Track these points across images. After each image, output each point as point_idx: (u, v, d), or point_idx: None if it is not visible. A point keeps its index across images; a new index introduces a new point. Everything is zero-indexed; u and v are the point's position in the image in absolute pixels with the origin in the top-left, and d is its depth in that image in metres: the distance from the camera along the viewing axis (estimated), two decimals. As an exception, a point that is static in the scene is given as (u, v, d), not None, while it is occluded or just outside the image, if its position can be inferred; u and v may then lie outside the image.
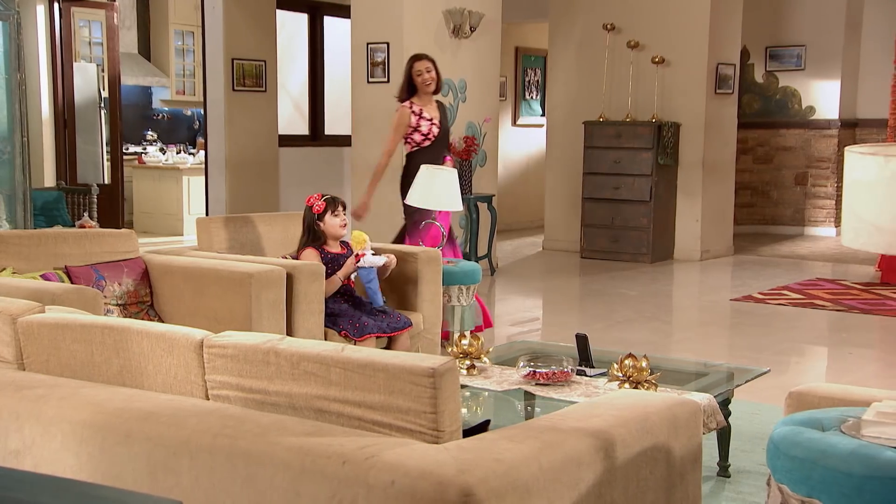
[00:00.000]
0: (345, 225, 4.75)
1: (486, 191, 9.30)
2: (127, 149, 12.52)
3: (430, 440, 2.03)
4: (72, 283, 4.00)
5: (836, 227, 12.72)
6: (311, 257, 4.68)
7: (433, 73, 6.05)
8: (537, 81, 13.48)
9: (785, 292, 8.34)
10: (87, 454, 2.08)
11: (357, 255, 4.73)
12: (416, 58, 6.12)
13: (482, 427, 2.33)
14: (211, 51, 9.93)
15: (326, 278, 4.59)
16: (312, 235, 4.73)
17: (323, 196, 4.80)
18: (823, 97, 12.65)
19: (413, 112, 6.04)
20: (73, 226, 8.02)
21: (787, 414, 2.35)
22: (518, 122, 13.29)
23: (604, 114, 10.39)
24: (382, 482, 1.85)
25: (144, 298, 4.33)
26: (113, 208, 10.51)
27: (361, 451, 1.91)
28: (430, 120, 6.06)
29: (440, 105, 6.21)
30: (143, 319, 4.26)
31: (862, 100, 12.70)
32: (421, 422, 2.04)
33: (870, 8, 12.33)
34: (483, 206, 9.22)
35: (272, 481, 1.93)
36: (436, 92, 6.12)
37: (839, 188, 12.79)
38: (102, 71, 10.95)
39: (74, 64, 10.58)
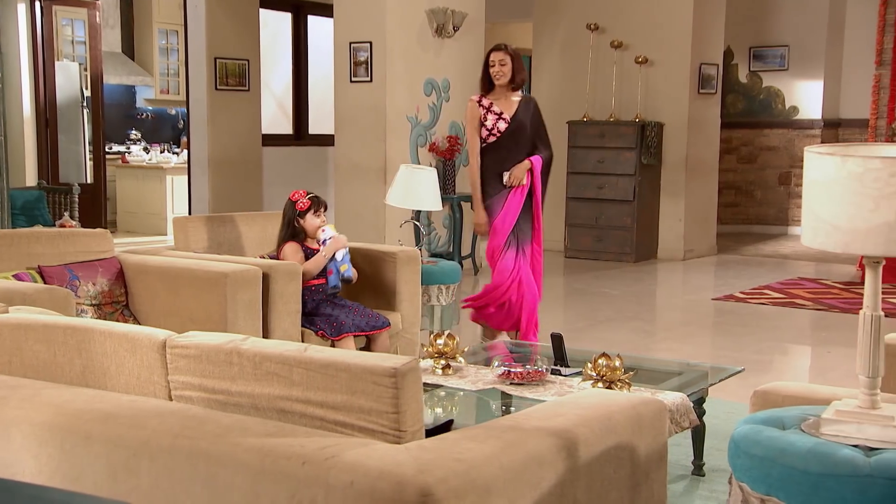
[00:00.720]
0: (322, 226, 4.76)
1: (469, 190, 9.28)
2: (110, 148, 12.48)
3: (391, 440, 2.03)
4: (45, 283, 3.98)
5: (819, 226, 12.75)
6: (292, 250, 4.69)
7: (507, 66, 5.51)
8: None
9: (766, 292, 8.36)
10: (47, 456, 2.07)
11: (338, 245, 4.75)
12: (493, 48, 5.64)
13: (445, 427, 2.33)
14: (193, 50, 9.90)
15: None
16: (292, 231, 4.75)
17: (309, 194, 4.82)
18: (807, 97, 12.70)
19: (481, 105, 5.59)
20: (54, 225, 7.98)
21: (751, 412, 2.36)
22: (503, 122, 13.27)
23: (588, 113, 10.41)
24: (342, 482, 1.85)
25: (119, 298, 4.32)
26: (95, 208, 10.47)
27: (321, 452, 1.91)
28: (499, 114, 5.56)
29: (525, 101, 5.63)
30: (117, 319, 4.24)
31: (845, 100, 12.75)
32: (383, 422, 2.04)
33: (852, 8, 12.38)
34: (466, 206, 9.21)
35: (232, 482, 1.93)
36: (515, 87, 5.58)
37: (823, 188, 12.83)
38: (85, 70, 10.91)
39: (56, 63, 10.53)
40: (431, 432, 2.17)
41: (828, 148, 1.97)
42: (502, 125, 5.54)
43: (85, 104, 10.82)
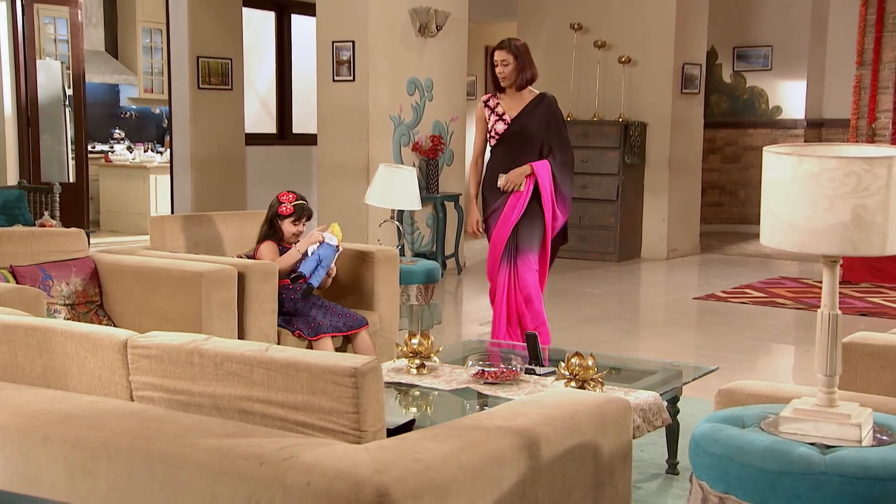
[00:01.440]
0: (298, 234, 4.77)
1: (453, 190, 9.31)
2: (93, 147, 12.43)
3: (352, 440, 2.03)
4: (17, 282, 3.96)
5: (803, 226, 12.80)
6: (269, 249, 4.69)
7: (510, 66, 5.10)
8: (507, 80, 13.48)
9: (748, 291, 8.39)
10: (5, 457, 2.06)
11: (319, 240, 4.71)
12: (496, 45, 5.23)
13: (407, 426, 2.33)
14: (176, 49, 9.88)
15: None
16: (272, 230, 4.76)
17: (297, 201, 4.78)
18: (790, 97, 12.74)
19: (487, 106, 5.24)
20: (34, 225, 7.95)
21: (715, 411, 2.37)
22: (488, 121, 13.28)
23: (571, 113, 10.42)
24: (299, 483, 1.84)
25: (94, 298, 4.30)
26: (78, 207, 10.42)
27: (280, 452, 1.90)
28: (500, 115, 5.19)
29: (535, 101, 5.20)
30: (91, 319, 4.23)
31: (828, 100, 12.80)
32: (343, 422, 2.03)
33: (835, 9, 12.42)
34: (450, 206, 9.22)
35: (190, 483, 1.92)
36: (521, 86, 5.15)
37: (806, 187, 12.88)
38: (67, 68, 10.86)
39: (38, 61, 10.49)
40: (393, 432, 2.17)
41: (786, 148, 1.98)
42: (500, 127, 5.19)
43: (67, 103, 10.77)
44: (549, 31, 10.77)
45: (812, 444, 1.98)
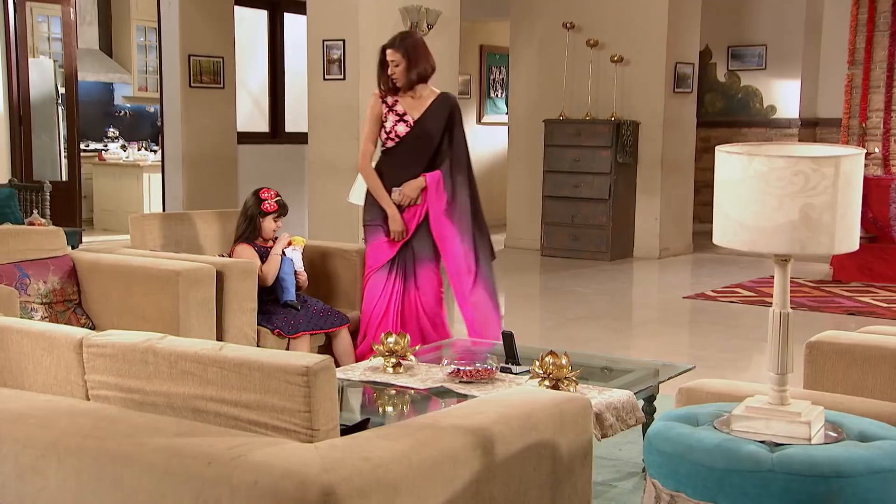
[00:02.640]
0: (276, 230, 4.80)
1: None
2: (87, 145, 12.44)
3: (304, 439, 2.03)
4: (-6, 281, 3.97)
5: (797, 225, 12.80)
6: (245, 252, 4.69)
7: (400, 66, 4.72)
8: (502, 80, 13.49)
9: (738, 290, 8.38)
10: (-45, 456, 2.07)
11: (289, 243, 4.76)
12: (386, 44, 4.82)
13: (362, 425, 2.33)
14: (167, 47, 9.88)
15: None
16: (251, 227, 4.77)
17: (278, 197, 4.82)
18: (784, 96, 12.73)
19: (384, 102, 4.82)
20: (24, 223, 7.95)
21: (676, 409, 2.37)
22: (483, 121, 13.30)
23: (564, 112, 10.42)
24: (246, 482, 1.84)
25: (72, 297, 4.30)
26: (70, 205, 10.43)
27: (228, 452, 1.90)
28: (401, 115, 4.80)
29: (438, 102, 4.83)
30: (69, 318, 4.23)
31: (822, 99, 12.78)
32: (295, 421, 2.03)
33: (829, 8, 12.40)
34: (440, 204, 9.22)
35: (139, 483, 1.92)
36: (412, 83, 4.75)
37: (800, 186, 12.87)
38: (60, 67, 10.87)
39: (31, 59, 10.49)
40: (348, 431, 2.17)
41: (737, 147, 1.98)
42: (402, 129, 4.79)
43: (60, 101, 10.78)
44: (541, 29, 10.77)
45: (762, 441, 1.98)
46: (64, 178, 10.63)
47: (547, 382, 3.52)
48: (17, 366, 2.27)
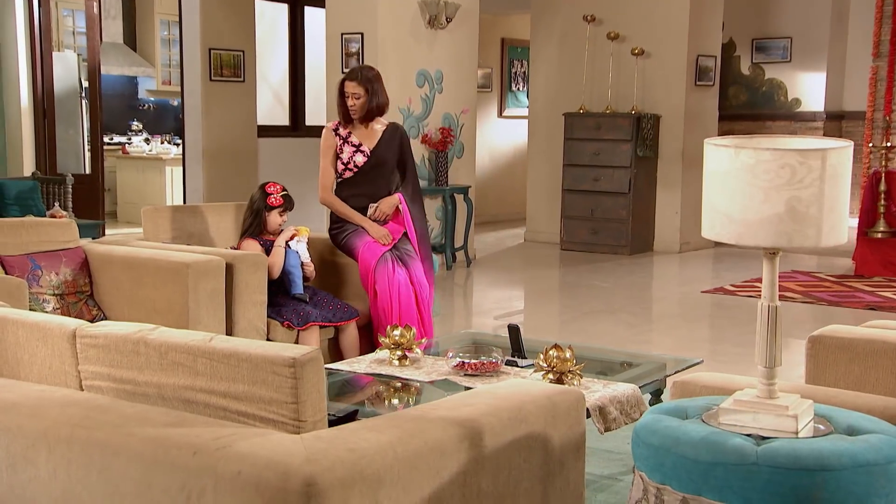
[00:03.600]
0: (282, 225, 4.82)
1: (463, 182, 9.31)
2: (112, 139, 12.54)
3: (291, 430, 2.04)
4: (6, 272, 4.01)
5: (821, 219, 12.70)
6: (250, 247, 4.72)
7: (360, 99, 4.87)
8: (524, 73, 13.45)
9: (757, 284, 8.32)
10: (-52, 445, 2.09)
11: (293, 235, 4.78)
12: (346, 76, 5.00)
13: (351, 417, 2.34)
14: (188, 41, 9.93)
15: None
16: (256, 221, 4.79)
17: (283, 192, 4.85)
18: (809, 89, 12.61)
19: (337, 134, 5.00)
20: (45, 215, 8.04)
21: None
22: (504, 114, 13.27)
23: (584, 105, 10.38)
24: (230, 472, 1.85)
25: (83, 288, 4.34)
26: (93, 198, 10.52)
27: (214, 442, 1.92)
28: (357, 146, 4.95)
29: (389, 133, 5.01)
30: (81, 310, 4.27)
31: (848, 92, 12.66)
32: (283, 412, 2.05)
33: (857, 0, 12.28)
34: (459, 198, 9.22)
35: (126, 472, 1.94)
36: (368, 119, 4.95)
37: (825, 180, 12.76)
38: (84, 60, 10.96)
39: (55, 53, 10.59)
40: (337, 422, 2.18)
41: (725, 140, 1.97)
42: (360, 159, 4.95)
43: (83, 95, 10.87)
44: (562, 22, 10.73)
45: (749, 435, 1.97)
46: (87, 171, 10.73)
47: (551, 376, 3.52)
48: (14, 356, 2.30)
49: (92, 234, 7.82)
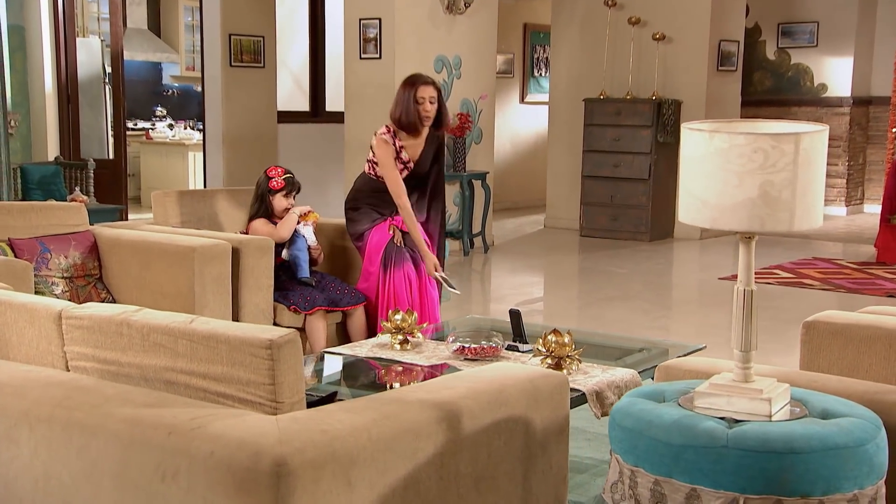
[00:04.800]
0: (289, 207, 4.83)
1: (481, 168, 9.30)
2: (136, 124, 12.63)
3: (269, 411, 2.06)
4: (15, 255, 4.07)
5: (846, 206, 12.58)
6: (260, 227, 4.75)
7: (436, 105, 4.70)
8: (546, 59, 13.39)
9: (777, 271, 8.27)
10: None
11: (308, 212, 4.81)
12: (422, 81, 4.72)
13: (330, 398, 2.36)
14: (208, 26, 9.98)
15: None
16: (262, 205, 4.82)
17: (286, 174, 4.88)
18: (836, 74, 12.47)
19: (393, 145, 4.75)
20: (66, 200, 8.12)
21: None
22: (526, 100, 13.23)
23: (604, 91, 10.33)
24: (203, 452, 1.88)
25: (92, 272, 4.39)
26: (116, 183, 10.60)
27: (190, 423, 1.94)
28: (405, 162, 4.78)
29: (431, 140, 4.83)
30: (90, 293, 4.33)
31: (876, 77, 12.50)
32: (260, 393, 2.07)
33: (884, -17, 12.12)
34: (477, 184, 9.22)
35: (104, 452, 1.97)
36: (433, 127, 4.78)
37: (851, 167, 12.63)
38: (108, 46, 11.04)
39: (78, 39, 10.67)
40: (316, 404, 2.20)
41: (700, 124, 1.96)
42: (404, 174, 4.80)
43: (107, 80, 10.96)
44: (583, 7, 10.67)
45: (723, 418, 1.97)
46: (110, 157, 10.82)
47: (549, 360, 3.53)
48: (2, 337, 2.34)
49: (112, 219, 7.89)
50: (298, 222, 4.78)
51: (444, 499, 2.14)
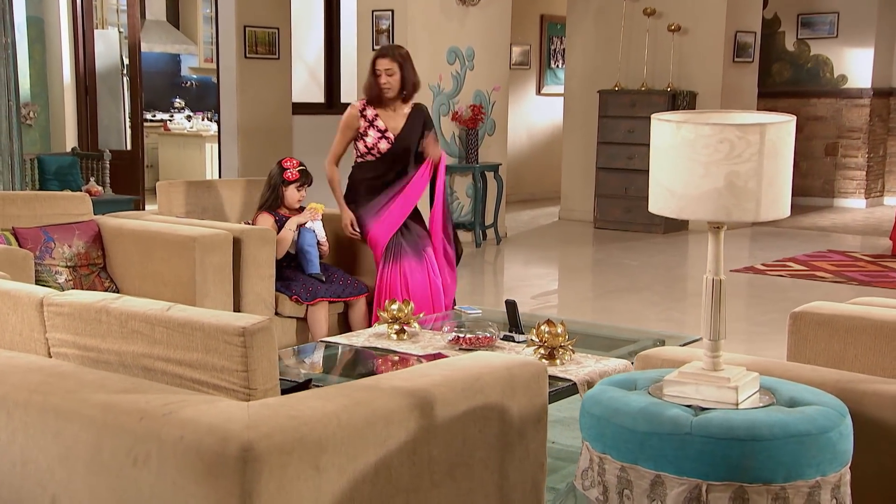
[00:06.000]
0: (301, 200, 4.87)
1: (494, 160, 9.30)
2: (154, 116, 12.72)
3: (242, 398, 2.08)
4: (19, 244, 4.12)
5: (865, 198, 12.48)
6: (264, 221, 4.78)
7: (395, 76, 4.79)
8: (563, 50, 13.35)
9: (789, 264, 8.23)
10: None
11: (307, 220, 4.84)
12: (379, 53, 4.90)
13: (304, 386, 2.38)
14: (223, 18, 10.03)
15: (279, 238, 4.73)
16: (273, 196, 4.85)
17: (300, 166, 4.92)
18: (856, 65, 12.36)
19: (363, 116, 4.89)
20: (81, 191, 8.20)
21: (630, 378, 2.37)
22: (543, 91, 13.20)
23: (619, 82, 10.30)
24: (173, 437, 1.90)
25: (96, 261, 4.44)
26: (133, 174, 10.69)
27: (162, 408, 1.96)
28: (383, 132, 4.88)
29: (415, 113, 4.95)
30: (93, 282, 4.38)
31: (897, 68, 12.40)
32: (234, 380, 2.09)
33: (904, -27, 12.00)
34: (490, 175, 9.22)
35: (78, 437, 2.00)
36: (405, 98, 4.90)
37: (870, 159, 12.53)
38: (126, 37, 11.12)
39: (96, 31, 10.76)
40: (290, 391, 2.23)
41: (669, 115, 1.97)
42: (384, 145, 4.88)
43: (124, 72, 11.04)
44: (599, -2, 10.65)
45: (689, 406, 1.98)
46: (128, 148, 10.91)
47: (542, 350, 3.54)
48: (-15, 323, 2.38)
49: (127, 210, 7.96)
50: (304, 224, 4.80)
51: (417, 485, 2.16)
